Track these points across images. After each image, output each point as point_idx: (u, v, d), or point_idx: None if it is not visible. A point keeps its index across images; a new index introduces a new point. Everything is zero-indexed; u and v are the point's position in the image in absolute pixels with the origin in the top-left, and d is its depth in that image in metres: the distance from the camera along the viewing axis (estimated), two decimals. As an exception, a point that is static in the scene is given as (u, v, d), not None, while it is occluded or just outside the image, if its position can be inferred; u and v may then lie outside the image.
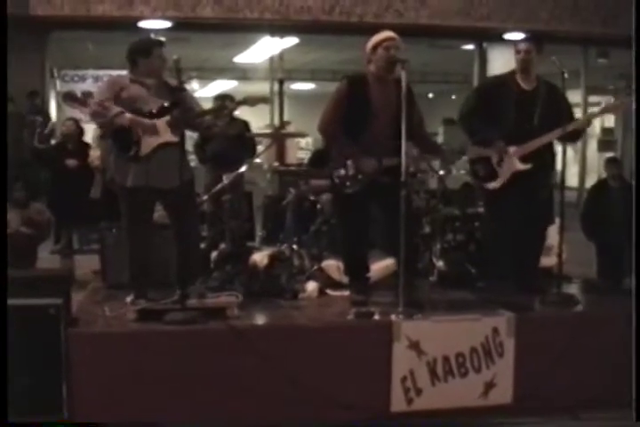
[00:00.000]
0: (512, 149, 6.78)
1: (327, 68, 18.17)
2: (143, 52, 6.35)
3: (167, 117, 6.17)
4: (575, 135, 6.84)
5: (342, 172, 6.47)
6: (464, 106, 7.10)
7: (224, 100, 8.86)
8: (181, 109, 6.16)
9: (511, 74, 6.97)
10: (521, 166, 6.76)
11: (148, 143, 6.19)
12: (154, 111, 6.20)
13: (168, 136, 6.17)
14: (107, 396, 5.54)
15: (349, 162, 6.43)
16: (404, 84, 6.10)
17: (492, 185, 6.92)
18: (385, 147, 6.38)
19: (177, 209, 6.38)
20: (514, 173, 6.80)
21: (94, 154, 9.56)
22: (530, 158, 6.75)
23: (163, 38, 6.54)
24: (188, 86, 6.78)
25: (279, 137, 8.78)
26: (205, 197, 7.73)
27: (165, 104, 6.19)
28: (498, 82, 7.16)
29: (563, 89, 6.78)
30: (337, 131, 6.51)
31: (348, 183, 6.45)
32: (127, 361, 5.61)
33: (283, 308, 6.56)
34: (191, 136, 8.81)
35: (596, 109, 7.06)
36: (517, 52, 6.85)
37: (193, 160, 9.16)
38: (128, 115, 6.13)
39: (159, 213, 6.75)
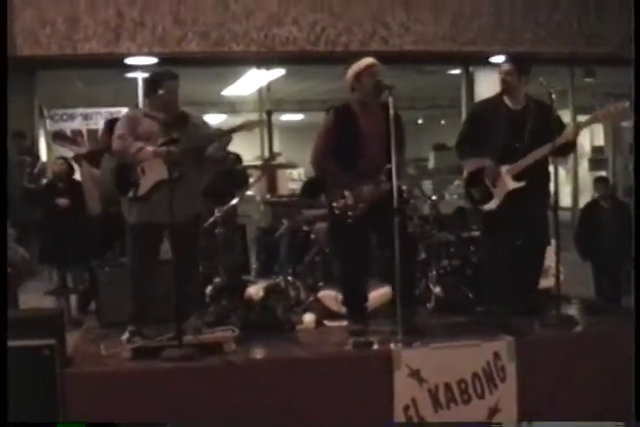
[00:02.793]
0: (504, 169, 6.75)
1: (315, 99, 18.19)
2: (153, 84, 6.39)
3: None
4: (566, 149, 6.79)
5: (342, 202, 6.44)
6: (458, 135, 7.12)
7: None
8: (184, 144, 6.16)
9: (499, 95, 6.98)
10: (515, 185, 6.74)
11: (145, 183, 6.18)
12: (159, 145, 6.20)
13: (164, 174, 6.13)
14: (105, 436, 5.48)
15: (347, 192, 6.40)
16: (391, 109, 6.11)
17: (489, 206, 6.89)
18: (378, 173, 6.37)
19: (180, 244, 6.35)
20: (509, 194, 6.76)
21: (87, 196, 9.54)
22: (523, 177, 6.71)
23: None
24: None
25: (270, 168, 8.78)
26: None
27: (171, 138, 6.16)
28: (486, 105, 7.19)
29: (554, 112, 6.78)
30: (330, 163, 6.53)
31: (349, 213, 6.42)
32: (124, 400, 5.54)
33: (280, 340, 6.51)
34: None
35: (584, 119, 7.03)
36: (500, 73, 6.87)
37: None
38: (149, 148, 6.14)
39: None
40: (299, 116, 21.13)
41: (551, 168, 6.86)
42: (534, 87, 6.78)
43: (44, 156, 13.75)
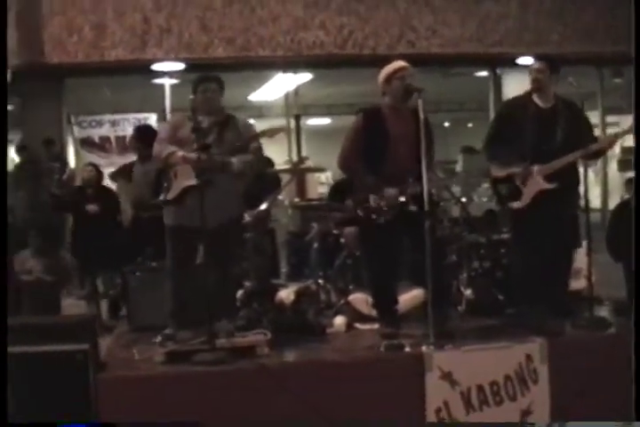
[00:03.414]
0: (536, 168, 6.71)
1: (343, 102, 18.15)
2: (193, 88, 6.48)
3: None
4: (598, 154, 6.78)
5: (367, 204, 6.44)
6: (487, 135, 7.07)
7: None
8: (221, 147, 6.22)
9: (527, 94, 6.93)
10: (546, 185, 6.67)
11: (176, 187, 6.22)
12: (194, 150, 6.21)
13: (192, 179, 6.16)
14: (139, 440, 5.50)
15: (373, 194, 6.41)
16: (421, 113, 6.11)
17: (517, 204, 6.82)
18: (406, 176, 6.37)
19: (212, 248, 6.33)
20: (539, 194, 6.71)
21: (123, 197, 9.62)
22: (554, 177, 6.67)
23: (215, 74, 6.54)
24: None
25: (298, 172, 8.76)
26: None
27: (205, 143, 6.19)
28: (514, 104, 7.12)
29: (583, 111, 6.76)
30: (357, 165, 6.54)
31: (373, 215, 6.43)
32: (158, 404, 5.56)
33: (312, 344, 6.51)
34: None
35: (617, 130, 6.99)
36: (530, 71, 6.83)
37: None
38: (179, 153, 6.21)
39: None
40: (326, 121, 21.12)
41: (581, 169, 6.82)
42: (564, 88, 6.77)
43: (72, 162, 13.83)
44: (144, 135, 8.70)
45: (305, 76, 14.54)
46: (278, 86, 15.02)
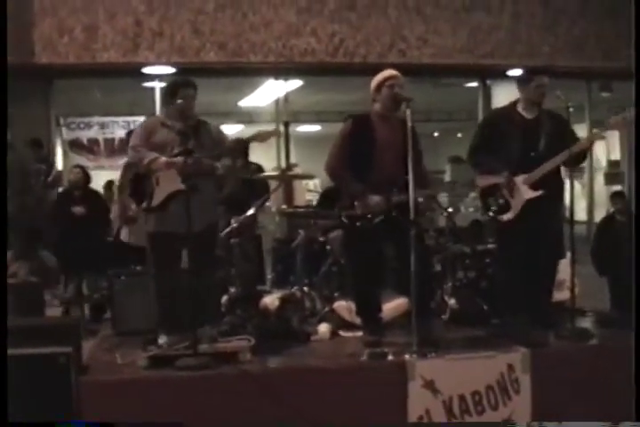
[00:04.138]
0: (520, 178, 6.72)
1: (333, 110, 18.18)
2: (169, 93, 6.42)
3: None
4: (580, 158, 6.76)
5: (352, 211, 6.46)
6: (470, 144, 7.09)
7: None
8: (199, 153, 6.18)
9: (512, 105, 6.97)
10: (532, 194, 6.67)
11: (159, 194, 6.20)
12: (174, 155, 6.23)
13: (178, 184, 6.15)
14: (119, 444, 5.49)
15: (358, 201, 6.42)
16: (409, 122, 6.13)
17: (507, 217, 6.83)
18: (392, 184, 6.39)
19: (196, 254, 6.35)
20: (526, 204, 6.73)
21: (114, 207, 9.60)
22: (539, 186, 6.68)
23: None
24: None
25: (286, 179, 8.77)
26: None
27: (186, 148, 6.17)
28: (499, 114, 7.18)
29: (568, 123, 6.78)
30: (343, 170, 6.56)
31: (358, 223, 6.43)
32: (140, 408, 5.55)
33: (295, 350, 6.52)
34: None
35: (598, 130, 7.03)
36: (539, 85, 6.80)
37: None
38: (162, 159, 6.18)
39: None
40: (316, 128, 21.15)
41: (567, 180, 6.85)
42: (551, 101, 6.79)
43: (60, 164, 13.80)
44: None
45: (295, 83, 14.56)
46: (269, 92, 15.04)
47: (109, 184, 12.54)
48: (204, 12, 12.50)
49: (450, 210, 8.09)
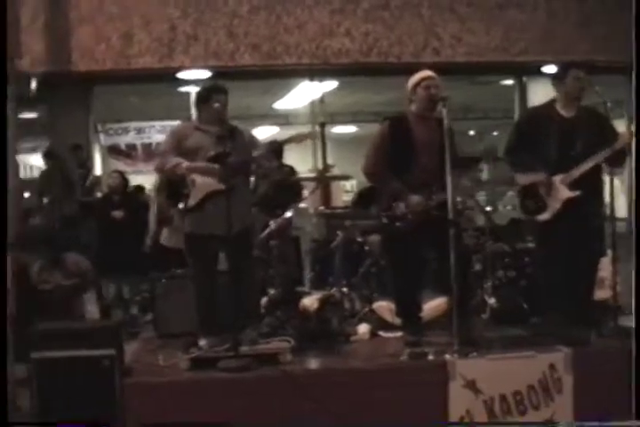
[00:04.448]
0: (558, 178, 6.68)
1: (368, 111, 18.18)
2: (202, 98, 6.49)
3: (217, 166, 6.18)
4: (621, 157, 6.67)
5: (391, 211, 6.46)
6: (507, 142, 7.04)
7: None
8: (235, 156, 6.22)
9: (551, 103, 6.91)
10: (570, 194, 6.61)
11: (196, 194, 6.23)
12: (210, 157, 6.26)
13: (216, 184, 6.18)
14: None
15: (397, 201, 6.43)
16: (445, 121, 6.12)
17: (544, 217, 6.79)
18: (430, 184, 6.39)
19: (234, 255, 6.40)
20: (564, 204, 6.68)
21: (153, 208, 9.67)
22: (577, 185, 6.64)
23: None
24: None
25: (324, 180, 8.78)
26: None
27: (224, 150, 6.22)
28: (537, 112, 7.10)
29: (608, 119, 6.72)
30: (382, 171, 6.56)
31: (398, 223, 6.44)
32: (182, 409, 5.59)
33: (335, 351, 6.55)
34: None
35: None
36: (575, 79, 6.75)
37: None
38: (185, 164, 6.22)
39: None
40: (351, 128, 21.12)
41: (606, 178, 6.79)
42: (589, 97, 6.75)
43: (98, 170, 13.90)
44: None
45: (330, 84, 14.53)
46: (303, 94, 15.04)
47: (139, 188, 12.58)
48: (238, 15, 12.49)
49: (488, 209, 8.07)
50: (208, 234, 6.25)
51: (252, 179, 7.26)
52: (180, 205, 6.33)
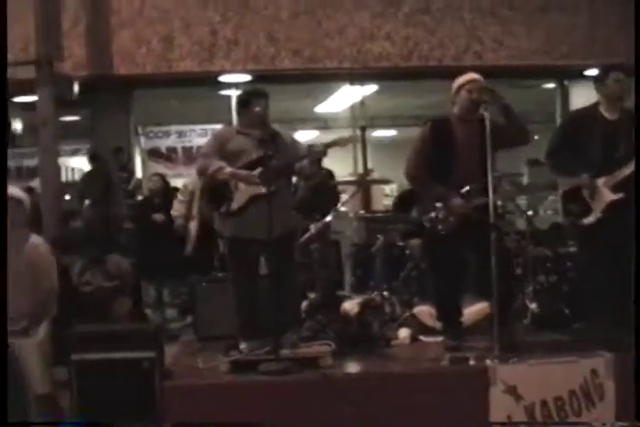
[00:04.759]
0: (602, 180, 6.62)
1: (407, 114, 18.11)
2: (244, 102, 6.48)
3: (260, 169, 6.19)
4: None
5: (433, 214, 6.44)
6: (549, 144, 6.99)
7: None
8: (278, 160, 6.22)
9: (594, 105, 6.85)
10: (613, 197, 6.55)
11: (239, 198, 6.24)
12: (252, 161, 6.27)
13: (259, 188, 6.19)
14: (203, 448, 5.54)
15: (439, 204, 6.40)
16: (487, 124, 6.08)
17: (588, 220, 6.72)
18: (472, 187, 6.35)
19: (276, 259, 6.39)
20: (607, 207, 6.63)
21: (176, 206, 9.71)
22: (621, 188, 6.57)
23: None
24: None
25: (364, 184, 8.77)
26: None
27: (265, 154, 6.22)
28: (581, 115, 7.03)
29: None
30: (423, 174, 6.54)
31: (439, 226, 6.41)
32: (222, 413, 5.59)
33: (376, 355, 6.53)
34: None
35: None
36: (617, 81, 6.70)
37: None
38: (228, 169, 6.23)
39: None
40: (391, 132, 21.07)
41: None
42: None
43: (139, 173, 13.99)
44: None
45: (371, 88, 14.52)
46: (344, 98, 15.04)
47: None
48: (278, 20, 12.56)
49: (529, 213, 8.01)
50: (250, 238, 6.23)
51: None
52: (222, 209, 6.32)
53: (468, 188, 6.36)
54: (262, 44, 12.56)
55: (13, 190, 6.02)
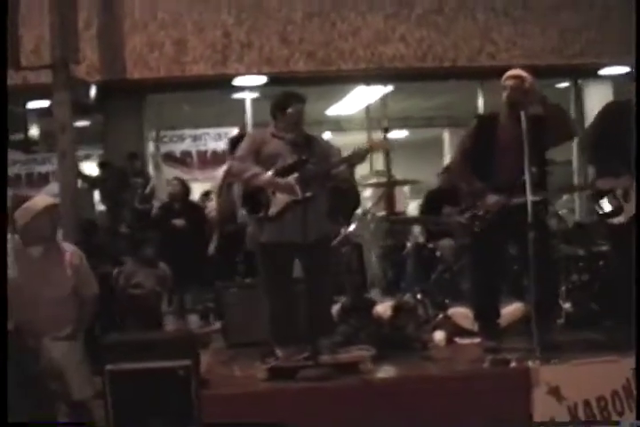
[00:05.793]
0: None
1: (420, 116, 18.05)
2: (281, 106, 6.42)
3: (297, 174, 6.13)
4: None
5: (471, 212, 6.37)
6: (588, 135, 6.87)
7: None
8: (314, 164, 6.18)
9: (629, 100, 6.74)
10: None
11: (277, 203, 6.17)
12: (288, 166, 6.21)
13: (296, 193, 6.13)
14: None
15: (478, 201, 6.35)
16: (523, 124, 5.99)
17: (618, 220, 6.65)
18: (513, 184, 6.25)
19: (311, 263, 6.30)
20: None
21: (211, 205, 9.63)
22: None
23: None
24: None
25: (391, 186, 8.69)
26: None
27: (301, 158, 6.17)
28: (618, 109, 6.92)
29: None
30: (465, 170, 6.52)
31: (477, 223, 6.34)
32: (261, 421, 5.51)
33: (414, 359, 6.47)
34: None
35: None
36: None
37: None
38: (264, 176, 6.19)
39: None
40: (404, 133, 21.00)
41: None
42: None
43: (153, 178, 13.92)
44: None
45: (385, 89, 14.44)
46: (357, 100, 14.96)
47: (207, 194, 12.54)
48: (292, 22, 12.50)
49: (563, 211, 7.96)
50: (286, 242, 6.17)
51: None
52: (261, 214, 6.25)
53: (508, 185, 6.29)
54: (276, 46, 12.51)
55: (44, 199, 5.92)
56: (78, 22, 10.67)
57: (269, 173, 6.21)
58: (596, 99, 13.70)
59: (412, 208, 14.19)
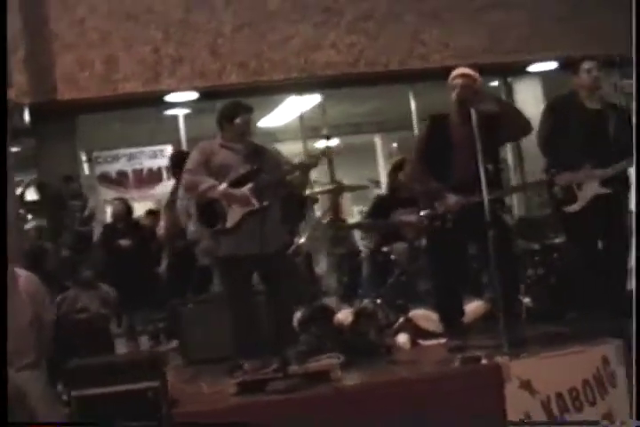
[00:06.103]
0: (598, 173, 6.62)
1: (349, 122, 18.03)
2: (228, 117, 6.37)
3: (251, 184, 6.08)
4: None
5: (430, 212, 6.36)
6: (541, 130, 6.91)
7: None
8: (267, 173, 6.17)
9: (572, 94, 6.84)
10: (602, 190, 6.62)
11: (233, 215, 6.10)
12: (241, 176, 6.18)
13: (252, 204, 6.06)
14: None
15: (436, 202, 6.34)
16: (474, 122, 5.99)
17: (572, 208, 6.73)
18: (470, 184, 6.23)
19: (271, 274, 6.27)
20: (593, 198, 6.62)
21: (161, 223, 9.50)
22: (611, 182, 6.57)
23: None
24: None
25: (338, 192, 8.66)
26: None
27: (253, 168, 6.17)
28: (563, 101, 7.00)
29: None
30: (421, 171, 6.51)
31: (437, 223, 6.32)
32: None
33: (380, 364, 6.43)
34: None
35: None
36: (587, 71, 6.70)
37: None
38: (219, 188, 6.12)
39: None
40: (334, 142, 20.97)
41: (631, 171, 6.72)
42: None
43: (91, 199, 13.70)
44: (182, 162, 8.58)
45: (318, 97, 14.39)
46: (291, 109, 14.89)
47: (153, 213, 12.38)
48: (221, 35, 12.39)
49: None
50: (245, 255, 6.10)
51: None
52: (218, 226, 6.17)
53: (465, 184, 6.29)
54: (207, 59, 12.39)
55: None
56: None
57: (224, 184, 6.14)
58: (526, 95, 13.86)
59: (356, 214, 14.24)
